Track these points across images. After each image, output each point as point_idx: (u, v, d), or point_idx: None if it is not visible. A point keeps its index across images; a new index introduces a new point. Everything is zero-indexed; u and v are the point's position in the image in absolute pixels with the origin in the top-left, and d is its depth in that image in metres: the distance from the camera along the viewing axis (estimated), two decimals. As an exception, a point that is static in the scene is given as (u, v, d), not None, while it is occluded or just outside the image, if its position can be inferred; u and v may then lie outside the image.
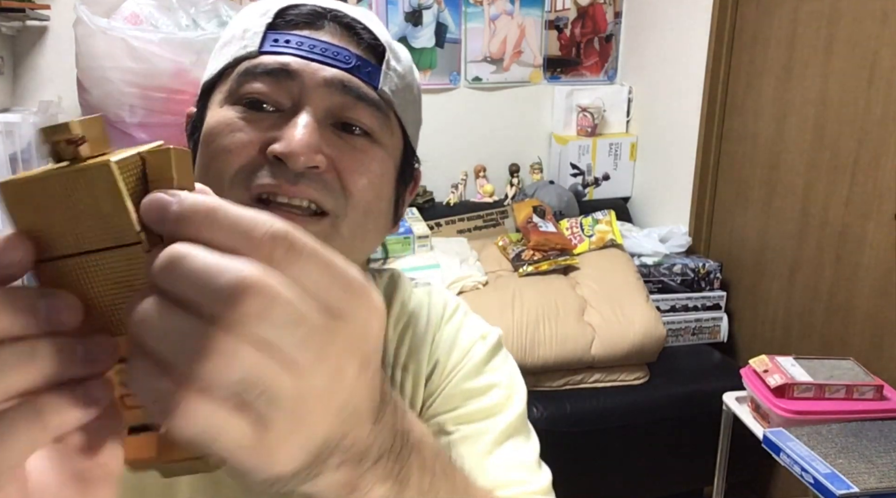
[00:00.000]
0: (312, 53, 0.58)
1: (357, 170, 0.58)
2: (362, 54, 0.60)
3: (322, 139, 0.57)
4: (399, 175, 0.65)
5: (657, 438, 2.19)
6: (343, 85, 0.58)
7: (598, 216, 2.70)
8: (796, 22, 2.24)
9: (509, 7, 2.92)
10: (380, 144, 0.60)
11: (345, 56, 0.59)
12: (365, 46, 0.61)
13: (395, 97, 0.61)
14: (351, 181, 0.58)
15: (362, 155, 0.59)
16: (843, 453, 1.48)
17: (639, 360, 2.23)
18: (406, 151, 0.65)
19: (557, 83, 3.05)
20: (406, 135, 0.65)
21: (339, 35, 0.60)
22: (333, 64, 0.58)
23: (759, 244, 2.44)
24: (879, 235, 1.97)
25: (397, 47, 0.64)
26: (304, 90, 0.57)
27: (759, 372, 1.75)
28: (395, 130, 0.63)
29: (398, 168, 0.64)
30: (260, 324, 0.26)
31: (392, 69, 0.62)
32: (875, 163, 1.98)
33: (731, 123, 2.55)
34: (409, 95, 0.64)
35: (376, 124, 0.60)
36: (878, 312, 1.99)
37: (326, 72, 0.58)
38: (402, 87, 0.63)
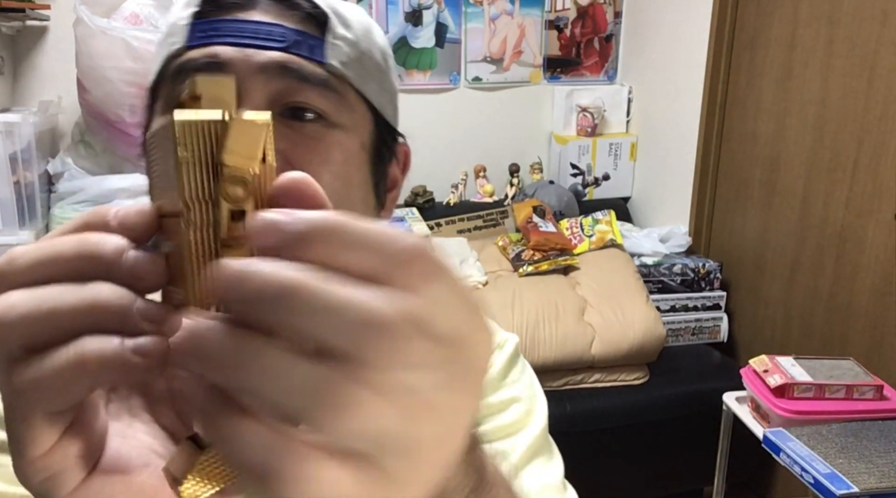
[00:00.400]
0: (243, 38, 0.52)
1: (314, 161, 0.52)
2: (302, 27, 0.53)
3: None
4: (374, 155, 0.57)
5: (657, 438, 2.19)
6: (281, 67, 0.51)
7: (598, 216, 2.70)
8: (796, 22, 2.24)
9: (509, 7, 2.92)
10: (338, 127, 0.54)
11: (279, 34, 0.52)
12: (304, 17, 0.53)
13: (349, 69, 0.54)
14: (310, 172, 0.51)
15: (317, 143, 0.52)
16: (843, 453, 1.48)
17: (639, 360, 2.23)
18: (378, 127, 0.58)
19: (557, 83, 3.05)
20: (375, 109, 0.57)
21: (272, 11, 0.53)
22: (267, 45, 0.51)
23: (759, 244, 2.44)
24: (879, 235, 1.97)
25: (346, 10, 0.56)
26: (239, 82, 0.50)
27: (759, 372, 1.75)
28: (355, 106, 0.55)
29: (371, 147, 0.57)
30: (403, 368, 0.22)
31: (340, 38, 0.54)
32: (875, 163, 1.98)
33: (731, 123, 2.55)
34: (370, 63, 0.56)
35: (328, 105, 0.53)
36: (878, 312, 1.99)
37: (260, 56, 0.51)
38: (356, 55, 0.55)
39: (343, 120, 0.54)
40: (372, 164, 0.57)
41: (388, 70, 0.60)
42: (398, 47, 2.82)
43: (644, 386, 2.22)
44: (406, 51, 2.84)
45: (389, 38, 2.80)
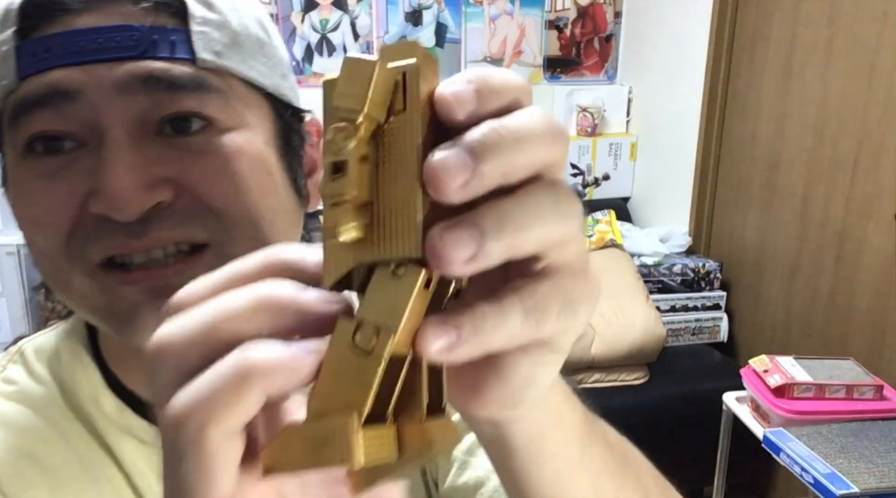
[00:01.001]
0: (86, 53, 0.42)
1: (214, 180, 0.44)
2: (155, 22, 0.43)
3: (150, 160, 0.42)
4: (283, 147, 0.50)
5: (657, 438, 2.17)
6: (143, 80, 0.42)
7: (598, 216, 2.70)
8: (796, 22, 2.24)
9: (509, 7, 2.92)
10: (232, 130, 0.45)
11: (130, 37, 0.42)
12: (154, 8, 0.43)
13: (226, 58, 0.45)
14: (214, 197, 0.44)
15: (212, 157, 0.44)
16: (843, 453, 1.48)
17: (639, 360, 2.23)
18: (280, 113, 0.50)
19: (557, 83, 3.05)
20: (271, 94, 0.49)
21: (113, 10, 0.43)
22: (118, 56, 0.42)
23: (759, 244, 2.44)
24: (879, 235, 1.97)
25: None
26: (96, 109, 0.42)
27: (759, 372, 1.75)
28: (247, 99, 0.47)
29: (277, 140, 0.49)
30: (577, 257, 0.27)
31: (205, 23, 0.45)
32: (875, 163, 1.98)
33: (731, 123, 2.55)
34: (248, 41, 0.47)
35: (213, 107, 0.44)
36: (878, 312, 1.99)
37: (114, 73, 0.42)
38: (230, 38, 0.46)
39: (236, 120, 0.45)
40: (283, 159, 0.49)
41: (272, 39, 0.50)
42: (398, 47, 2.82)
43: (644, 386, 2.22)
44: (406, 51, 2.84)
45: (389, 39, 2.80)
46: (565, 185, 0.26)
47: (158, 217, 0.42)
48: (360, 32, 2.77)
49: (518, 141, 0.23)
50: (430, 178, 0.23)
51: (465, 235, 0.23)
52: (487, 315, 0.24)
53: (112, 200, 0.41)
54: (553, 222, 0.24)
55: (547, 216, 0.24)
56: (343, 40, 2.76)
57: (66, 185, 0.43)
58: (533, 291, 0.25)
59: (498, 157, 0.23)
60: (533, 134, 0.24)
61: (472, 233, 0.23)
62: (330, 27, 2.73)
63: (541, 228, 0.24)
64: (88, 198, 0.42)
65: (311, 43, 2.72)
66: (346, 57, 0.23)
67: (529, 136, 0.24)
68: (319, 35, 2.73)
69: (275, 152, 0.48)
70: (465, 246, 0.23)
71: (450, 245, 0.23)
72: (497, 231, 0.23)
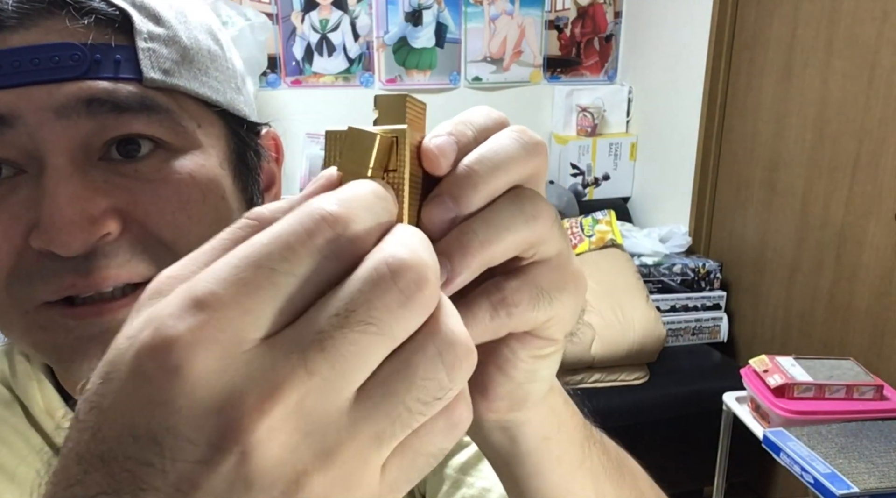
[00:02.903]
0: (21, 75, 0.38)
1: (166, 210, 0.41)
2: (98, 39, 0.39)
3: (95, 189, 0.39)
4: (239, 166, 0.47)
5: (657, 438, 2.19)
6: (86, 103, 0.39)
7: (597, 216, 2.70)
8: (796, 22, 2.24)
9: (509, 7, 2.92)
10: (183, 151, 0.42)
11: (71, 56, 0.39)
12: (97, 24, 0.40)
13: (174, 76, 0.42)
14: (164, 228, 0.41)
15: (162, 185, 0.41)
16: (843, 453, 1.48)
17: (639, 360, 2.23)
18: (234, 130, 0.47)
19: (557, 83, 3.05)
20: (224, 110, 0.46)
21: (52, 24, 0.39)
22: (59, 77, 0.38)
23: (759, 244, 2.44)
24: (879, 235, 1.97)
25: (151, 0, 0.43)
26: (35, 135, 0.38)
27: (759, 372, 1.75)
28: (199, 117, 0.44)
29: (233, 159, 0.46)
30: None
31: (152, 38, 0.41)
32: (875, 163, 1.98)
33: (731, 123, 2.55)
34: (199, 56, 0.44)
35: (162, 130, 0.41)
36: (878, 312, 1.99)
37: (54, 96, 0.38)
38: (179, 54, 0.42)
39: (187, 142, 0.42)
40: (238, 179, 0.46)
41: (224, 50, 0.47)
42: (398, 47, 2.82)
43: (644, 386, 2.22)
44: (406, 51, 2.84)
45: (389, 38, 2.80)
46: (530, 191, 0.28)
47: (105, 252, 0.39)
48: (360, 32, 2.77)
49: (492, 169, 0.27)
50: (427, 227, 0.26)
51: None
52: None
53: (54, 235, 0.37)
54: (519, 230, 0.27)
55: (512, 226, 0.27)
56: (343, 40, 2.76)
57: (5, 220, 0.39)
58: (500, 287, 0.28)
59: (480, 192, 0.27)
60: (507, 157, 0.27)
61: (441, 263, 0.24)
62: (330, 27, 2.73)
63: (508, 239, 0.27)
64: (30, 232, 0.39)
65: (311, 43, 2.72)
66: (350, 128, 0.26)
67: (504, 161, 0.27)
68: (319, 35, 2.73)
69: (229, 174, 0.45)
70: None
71: None
72: (463, 255, 0.26)
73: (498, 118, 0.30)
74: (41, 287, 0.40)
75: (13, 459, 0.46)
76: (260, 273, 0.20)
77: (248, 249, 0.20)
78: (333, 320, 0.20)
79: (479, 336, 0.28)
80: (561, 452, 0.36)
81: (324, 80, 2.77)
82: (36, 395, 0.49)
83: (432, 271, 0.21)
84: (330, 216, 0.21)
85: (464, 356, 0.22)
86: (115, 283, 0.40)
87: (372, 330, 0.20)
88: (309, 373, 0.19)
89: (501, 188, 0.27)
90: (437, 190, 0.27)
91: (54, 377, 0.50)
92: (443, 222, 0.26)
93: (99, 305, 0.40)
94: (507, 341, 0.30)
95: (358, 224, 0.21)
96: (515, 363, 0.30)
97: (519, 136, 0.28)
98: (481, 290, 0.28)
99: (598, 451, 0.40)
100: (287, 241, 0.20)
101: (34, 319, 0.41)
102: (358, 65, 2.79)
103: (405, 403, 0.21)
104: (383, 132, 0.26)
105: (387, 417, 0.20)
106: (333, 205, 0.21)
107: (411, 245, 0.22)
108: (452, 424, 0.22)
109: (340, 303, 0.20)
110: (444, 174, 0.27)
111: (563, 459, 0.37)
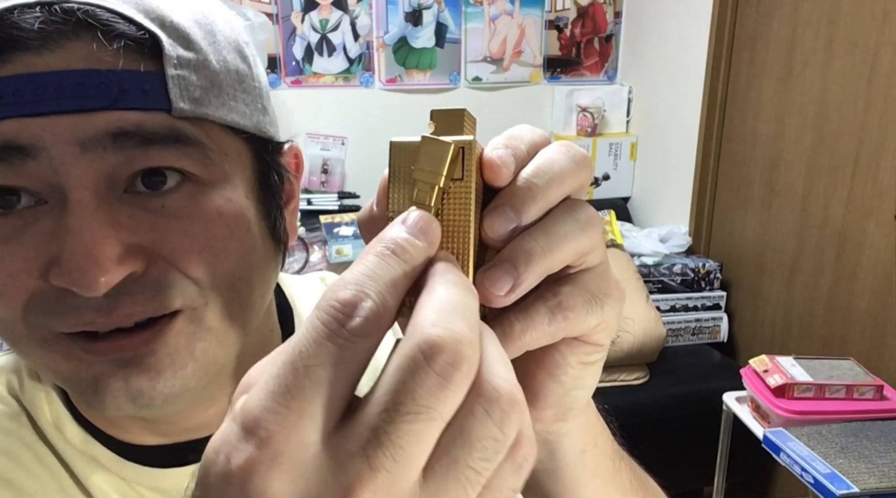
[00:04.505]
0: (45, 103, 0.35)
1: (193, 248, 0.39)
2: (127, 63, 0.37)
3: (120, 226, 0.37)
4: (263, 193, 0.45)
5: (657, 438, 2.19)
6: (113, 136, 0.37)
7: (598, 216, 2.70)
8: (796, 22, 2.24)
9: (509, 7, 2.92)
10: (210, 185, 0.40)
11: (99, 84, 0.36)
12: (125, 49, 0.37)
13: (205, 105, 0.39)
14: (192, 266, 0.39)
15: (190, 222, 0.39)
16: (843, 453, 1.48)
17: (639, 360, 2.23)
18: (260, 153, 0.45)
19: (557, 83, 3.05)
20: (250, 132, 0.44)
21: (78, 47, 0.36)
22: (85, 106, 0.36)
23: (759, 244, 2.44)
24: (879, 235, 1.97)
25: (177, 15, 0.40)
26: (58, 168, 0.36)
27: (759, 372, 1.75)
28: (227, 145, 0.42)
29: (257, 186, 0.44)
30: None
31: (182, 65, 0.39)
32: (875, 163, 1.98)
33: (731, 123, 2.55)
34: (229, 79, 0.42)
35: (191, 162, 0.39)
36: (878, 312, 1.99)
37: (80, 127, 0.36)
38: (208, 80, 0.40)
39: (215, 174, 0.40)
40: (262, 206, 0.45)
41: (251, 67, 0.45)
42: (398, 47, 2.82)
43: (644, 386, 2.22)
44: (406, 51, 2.84)
45: (389, 38, 2.80)
46: (580, 201, 0.30)
47: (128, 290, 0.38)
48: (360, 32, 2.77)
49: (549, 182, 0.29)
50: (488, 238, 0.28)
51: (501, 274, 0.27)
52: (513, 321, 0.29)
53: (78, 276, 0.36)
54: (575, 239, 0.29)
55: (569, 235, 0.29)
56: (343, 40, 2.76)
57: (23, 252, 0.37)
58: (556, 292, 0.30)
59: (538, 203, 0.28)
60: (561, 170, 0.29)
61: (507, 270, 0.27)
62: (330, 27, 2.73)
63: (566, 247, 0.29)
64: (50, 267, 0.37)
65: (311, 43, 2.72)
66: (423, 137, 0.28)
67: (558, 174, 0.29)
68: (319, 35, 2.73)
69: (253, 203, 0.44)
70: (503, 283, 0.27)
71: (489, 285, 0.27)
72: (527, 263, 0.28)
73: (542, 134, 0.31)
74: (59, 321, 0.38)
75: (19, 472, 0.45)
76: (300, 377, 0.22)
77: (285, 355, 0.22)
78: (384, 415, 0.21)
79: (538, 340, 0.30)
80: (596, 466, 0.39)
81: (324, 80, 2.77)
82: (44, 407, 0.48)
83: (466, 344, 0.22)
84: (342, 303, 0.23)
85: (509, 408, 0.22)
86: (138, 319, 0.39)
87: (421, 418, 0.21)
88: (374, 470, 0.21)
89: (557, 199, 0.29)
90: (498, 200, 0.28)
91: (63, 390, 0.49)
92: (505, 231, 0.28)
93: (119, 341, 0.39)
94: (557, 347, 0.32)
95: (369, 303, 0.23)
96: (566, 369, 0.32)
97: (567, 151, 0.30)
98: (537, 295, 0.29)
99: (627, 466, 0.43)
100: (313, 340, 0.22)
101: (54, 349, 0.40)
102: (358, 65, 2.79)
103: (470, 466, 0.22)
104: (455, 142, 0.28)
105: (457, 483, 0.22)
106: (345, 291, 0.23)
107: (442, 320, 0.22)
108: (518, 466, 0.23)
109: (388, 396, 0.22)
110: (503, 185, 0.29)
111: (598, 472, 0.39)
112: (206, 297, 0.40)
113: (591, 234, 0.30)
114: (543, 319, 0.29)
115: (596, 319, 0.30)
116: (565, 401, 0.33)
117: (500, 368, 0.23)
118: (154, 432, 0.48)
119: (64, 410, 0.48)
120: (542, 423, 0.34)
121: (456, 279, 0.25)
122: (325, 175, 2.79)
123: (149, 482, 0.47)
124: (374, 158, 2.72)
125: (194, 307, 0.40)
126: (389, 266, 0.24)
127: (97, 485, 0.46)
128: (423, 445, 0.21)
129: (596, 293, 0.30)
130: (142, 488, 0.47)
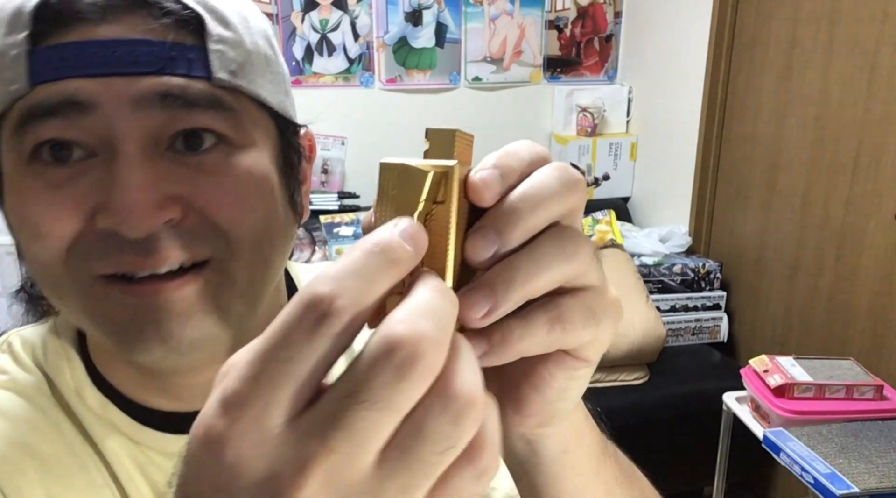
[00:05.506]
0: (104, 65, 0.41)
1: (224, 201, 0.44)
2: (174, 38, 0.43)
3: (162, 177, 0.42)
4: (284, 165, 0.50)
5: (657, 438, 2.19)
6: (161, 96, 0.42)
7: (598, 216, 2.70)
8: (796, 22, 2.24)
9: (509, 7, 2.92)
10: (242, 148, 0.46)
11: (149, 53, 0.42)
12: (173, 25, 0.43)
13: (239, 77, 0.45)
14: (222, 217, 0.44)
15: (223, 178, 0.44)
16: (843, 453, 1.48)
17: (639, 360, 2.23)
18: (282, 130, 0.50)
19: (557, 83, 3.05)
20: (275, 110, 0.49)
21: (132, 22, 0.42)
22: (138, 71, 0.42)
23: (759, 244, 2.44)
24: (879, 235, 1.97)
25: (222, 6, 0.46)
26: (111, 123, 0.42)
27: (759, 372, 1.75)
28: (255, 117, 0.47)
29: (280, 157, 0.50)
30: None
31: (221, 41, 0.45)
32: (875, 163, 1.98)
33: (731, 123, 2.55)
34: (259, 59, 0.48)
35: (226, 126, 0.45)
36: (878, 312, 1.99)
37: (132, 88, 0.42)
38: (243, 57, 0.46)
39: (246, 139, 0.46)
40: (283, 176, 0.50)
41: (276, 55, 0.51)
42: (398, 47, 2.82)
43: (644, 386, 2.22)
44: (406, 51, 2.84)
45: (389, 38, 2.80)
46: (570, 229, 0.30)
47: (167, 235, 0.42)
48: (360, 32, 2.77)
49: (535, 206, 0.29)
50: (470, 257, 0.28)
51: (479, 298, 0.28)
52: (514, 326, 0.29)
53: (123, 217, 0.41)
54: (560, 267, 0.29)
55: (553, 263, 0.29)
56: (343, 40, 2.76)
57: (73, 198, 0.42)
58: (557, 304, 0.30)
59: (520, 227, 0.28)
60: (549, 194, 0.29)
61: (485, 294, 0.28)
62: (330, 27, 2.73)
63: (548, 276, 0.29)
64: (96, 212, 0.42)
65: (311, 43, 2.72)
66: (403, 164, 0.28)
67: (546, 198, 0.29)
68: (319, 35, 2.73)
69: (276, 171, 0.49)
70: (480, 306, 0.27)
71: (467, 308, 0.27)
72: (506, 289, 0.28)
73: (541, 152, 0.31)
74: (100, 262, 0.43)
75: (37, 438, 0.49)
76: (270, 365, 0.23)
77: (260, 343, 0.24)
78: (343, 401, 0.23)
79: (534, 347, 0.30)
80: (578, 464, 0.39)
81: (324, 80, 2.77)
82: (65, 373, 0.51)
83: (427, 343, 0.23)
84: (316, 298, 0.23)
85: (466, 408, 0.23)
86: (171, 265, 0.43)
87: (376, 407, 0.22)
88: (329, 450, 0.22)
89: (542, 224, 0.29)
90: (482, 222, 0.29)
91: (85, 355, 0.52)
92: (486, 253, 0.28)
93: (156, 284, 0.43)
94: (544, 361, 0.33)
95: (344, 299, 0.23)
96: (551, 383, 0.33)
97: (560, 174, 0.30)
98: (538, 304, 0.30)
99: (612, 463, 0.43)
100: (285, 332, 0.23)
101: (92, 292, 0.44)
102: (358, 65, 2.79)
103: (421, 457, 0.23)
104: (434, 168, 0.28)
105: (407, 471, 0.23)
106: (323, 285, 0.24)
107: (409, 318, 0.23)
108: (479, 473, 0.24)
109: (348, 384, 0.23)
110: (488, 207, 0.29)
111: (580, 469, 0.40)
112: (233, 250, 0.45)
113: (576, 262, 0.30)
114: (543, 327, 0.30)
115: (591, 335, 0.31)
116: (548, 411, 0.34)
117: (466, 373, 0.24)
118: (171, 397, 0.52)
119: (85, 376, 0.51)
120: (524, 428, 0.35)
121: (438, 286, 0.25)
122: (325, 175, 2.79)
123: (161, 447, 0.51)
124: (374, 158, 2.69)
125: (222, 259, 0.45)
126: (374, 264, 0.24)
127: (111, 449, 0.50)
128: (378, 432, 0.23)
129: (595, 310, 0.31)
130: (153, 454, 0.51)
